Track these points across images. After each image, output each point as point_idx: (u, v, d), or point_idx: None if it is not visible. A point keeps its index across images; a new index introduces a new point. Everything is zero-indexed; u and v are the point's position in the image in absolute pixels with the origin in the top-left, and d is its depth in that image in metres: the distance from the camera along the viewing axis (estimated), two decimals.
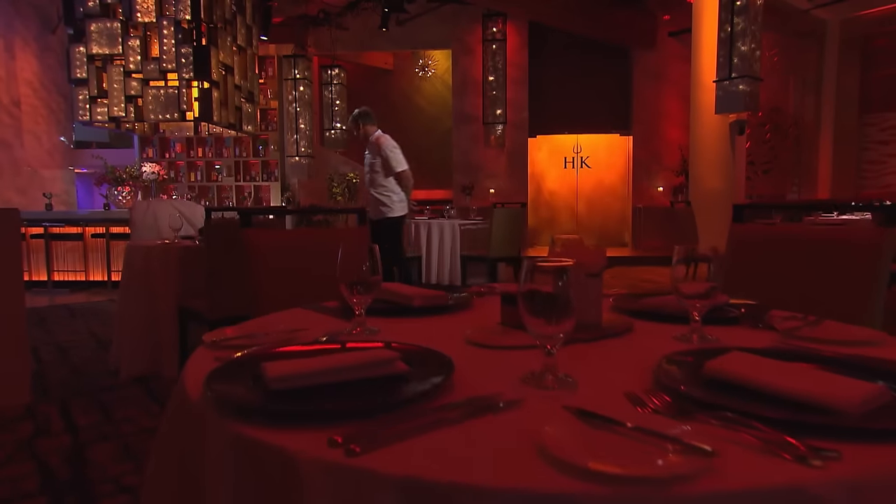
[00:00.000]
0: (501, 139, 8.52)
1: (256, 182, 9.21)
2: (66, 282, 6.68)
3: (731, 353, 0.80)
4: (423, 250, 6.00)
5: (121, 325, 3.21)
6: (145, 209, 3.91)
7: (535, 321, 0.79)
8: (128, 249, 3.20)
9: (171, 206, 4.02)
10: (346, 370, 0.76)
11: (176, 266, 3.07)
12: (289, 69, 8.74)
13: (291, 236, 1.82)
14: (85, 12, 6.56)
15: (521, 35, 8.74)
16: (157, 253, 3.08)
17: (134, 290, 3.14)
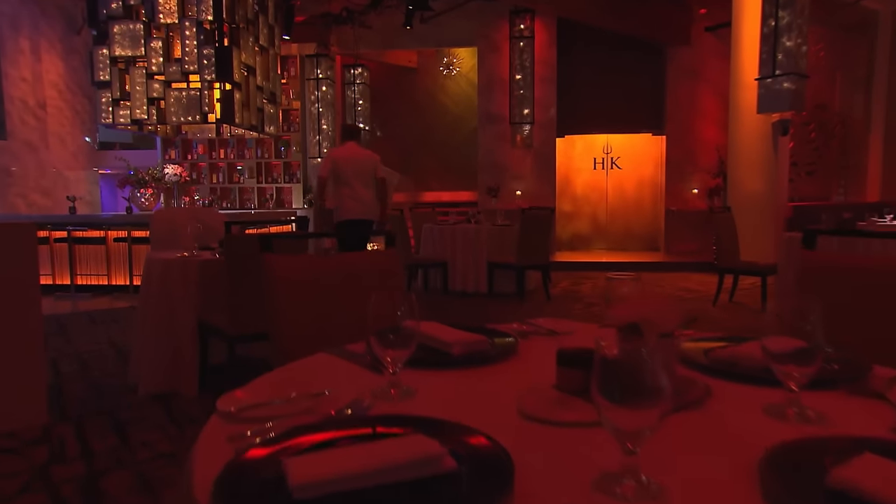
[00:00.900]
0: (529, 139, 8.34)
1: (278, 184, 9.19)
2: (89, 286, 6.72)
3: (863, 458, 0.64)
4: (448, 256, 5.88)
5: (140, 340, 3.15)
6: (165, 219, 3.86)
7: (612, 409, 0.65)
8: (147, 262, 3.14)
9: (190, 215, 3.96)
10: (384, 471, 0.63)
11: (195, 280, 3.00)
12: (311, 69, 8.70)
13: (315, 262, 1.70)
14: (108, 14, 6.58)
15: (550, 32, 8.54)
16: (176, 267, 3.01)
17: (153, 304, 3.08)
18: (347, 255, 1.76)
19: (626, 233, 9.35)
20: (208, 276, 3.03)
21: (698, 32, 8.31)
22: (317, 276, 1.67)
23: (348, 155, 4.82)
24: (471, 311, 5.16)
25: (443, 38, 9.31)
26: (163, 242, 3.82)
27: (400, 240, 5.80)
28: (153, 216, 3.88)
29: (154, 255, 3.16)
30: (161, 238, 3.85)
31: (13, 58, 8.65)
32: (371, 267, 1.78)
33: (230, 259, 2.78)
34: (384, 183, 4.89)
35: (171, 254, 3.16)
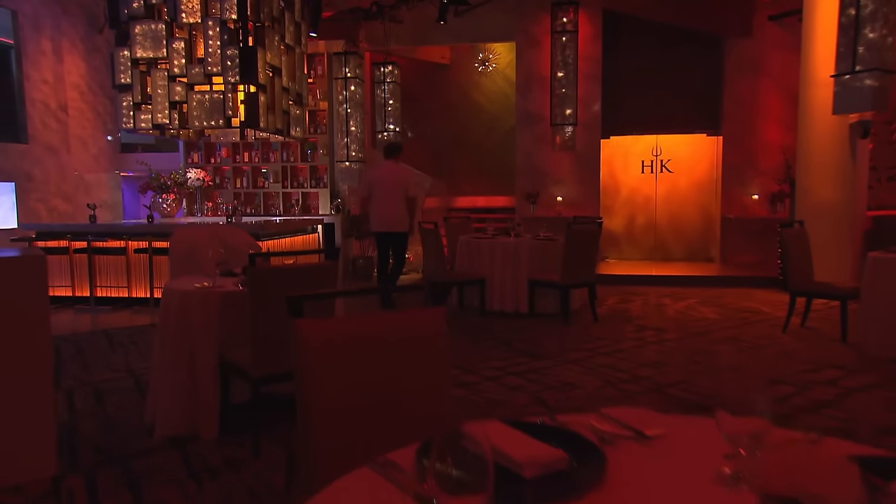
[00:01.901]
0: (571, 141, 8.07)
1: (304, 188, 9.12)
2: (109, 298, 6.74)
3: None
4: (485, 273, 5.67)
5: (156, 376, 3.04)
6: (184, 239, 3.75)
7: None
8: (165, 292, 3.02)
9: (211, 235, 3.85)
10: None
11: (216, 313, 2.87)
12: (339, 67, 8.59)
13: (351, 327, 1.52)
14: (129, 14, 6.58)
15: (595, 25, 8.25)
16: (195, 299, 2.88)
17: (171, 339, 2.95)
18: (386, 317, 1.57)
19: (678, 242, 8.98)
20: (230, 309, 2.89)
21: (761, 22, 7.90)
22: (354, 343, 1.49)
23: (383, 176, 5.87)
24: (511, 334, 4.95)
25: (478, 32, 9.09)
26: (182, 265, 3.71)
27: (434, 254, 5.61)
28: (172, 236, 3.78)
29: (172, 284, 3.03)
30: (180, 260, 3.75)
31: (35, 59, 8.78)
32: (413, 329, 1.59)
33: (254, 295, 2.63)
34: (413, 201, 5.87)
35: (189, 283, 3.04)
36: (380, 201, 5.80)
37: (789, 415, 3.05)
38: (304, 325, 1.46)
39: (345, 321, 1.56)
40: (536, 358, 4.22)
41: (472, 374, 3.89)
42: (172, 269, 3.74)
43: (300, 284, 2.75)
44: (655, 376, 3.77)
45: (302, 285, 2.75)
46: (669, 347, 4.45)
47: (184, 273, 3.66)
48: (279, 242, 6.97)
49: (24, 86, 8.61)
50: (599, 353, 4.34)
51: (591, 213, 8.32)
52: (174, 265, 3.73)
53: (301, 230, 7.58)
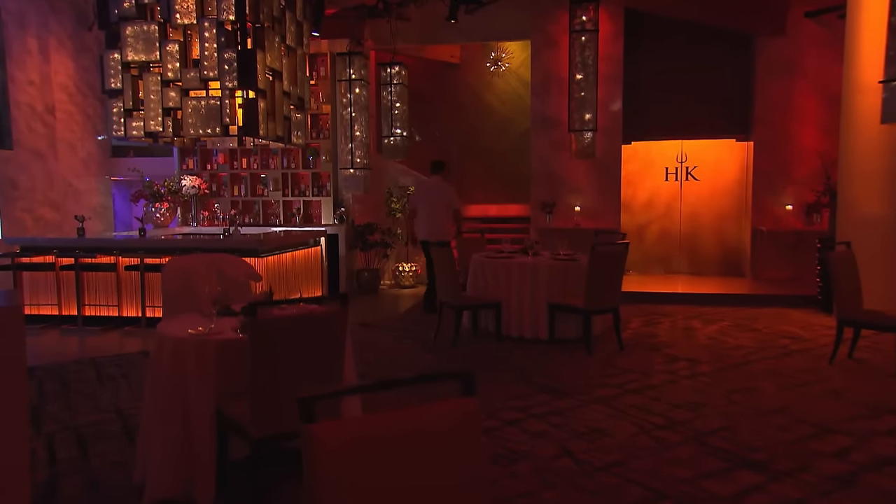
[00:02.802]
0: (590, 148, 7.87)
1: (306, 197, 8.97)
2: (98, 318, 6.60)
3: None
4: (501, 295, 5.49)
5: (146, 431, 2.88)
6: (178, 271, 3.58)
7: None
8: (157, 338, 2.85)
9: (208, 265, 3.69)
10: None
11: (213, 364, 2.71)
12: (343, 69, 8.43)
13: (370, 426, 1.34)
14: (120, 14, 6.43)
15: (616, 23, 8.05)
16: (190, 347, 2.71)
17: (162, 389, 2.79)
18: (410, 412, 1.40)
19: (704, 255, 8.77)
20: (229, 358, 2.72)
21: (796, 19, 7.68)
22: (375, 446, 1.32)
23: (430, 190, 6.79)
24: (530, 365, 4.77)
25: (491, 30, 8.90)
26: (177, 299, 3.55)
27: (446, 275, 5.43)
28: (165, 267, 3.61)
29: (165, 329, 2.87)
30: (175, 293, 3.59)
31: (20, 59, 8.65)
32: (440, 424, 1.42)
33: (255, 348, 2.47)
34: (457, 213, 6.75)
35: (184, 326, 2.87)
36: (426, 212, 6.68)
37: (850, 478, 2.85)
38: (318, 430, 1.29)
39: (365, 421, 1.38)
40: (560, 395, 4.04)
41: (492, 416, 3.71)
42: (166, 304, 3.58)
43: (305, 336, 2.58)
44: (693, 421, 3.58)
45: (307, 337, 2.59)
46: (704, 383, 4.26)
47: (178, 308, 3.49)
48: (280, 258, 6.81)
49: (9, 88, 8.48)
50: (628, 389, 4.15)
51: (612, 225, 8.14)
52: (168, 299, 3.57)
53: (303, 243, 7.43)
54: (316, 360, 2.64)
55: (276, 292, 6.72)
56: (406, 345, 5.51)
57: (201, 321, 2.96)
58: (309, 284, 7.54)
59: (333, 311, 2.65)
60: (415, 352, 5.26)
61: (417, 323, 6.42)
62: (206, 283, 3.65)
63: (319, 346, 2.63)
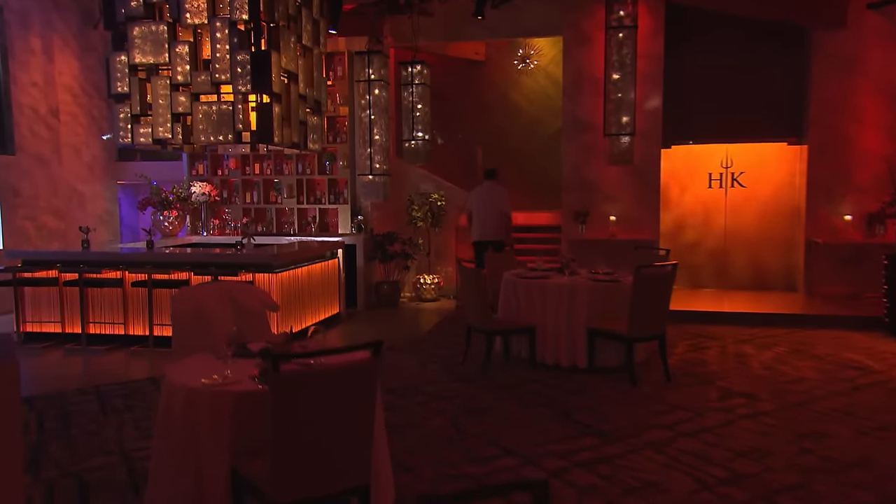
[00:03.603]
0: (628, 154, 7.61)
1: (322, 204, 8.81)
2: (103, 336, 6.49)
3: None
4: (536, 319, 5.27)
5: (154, 489, 2.71)
6: (189, 303, 3.41)
7: None
8: (166, 387, 2.68)
9: (221, 294, 3.52)
10: None
11: (229, 418, 2.53)
12: (361, 68, 8.24)
13: None
14: (127, 14, 6.30)
15: (656, 18, 7.78)
16: (204, 399, 2.54)
17: (172, 445, 2.62)
18: None
19: (752, 269, 8.46)
20: (246, 412, 2.54)
21: (858, 11, 7.35)
22: None
23: (483, 194, 7.45)
24: (569, 399, 4.54)
25: (519, 26, 8.68)
26: (188, 333, 3.39)
27: (475, 299, 5.21)
28: (175, 298, 3.45)
29: (175, 375, 2.70)
30: (185, 326, 3.42)
31: (23, 60, 8.59)
32: None
33: (278, 406, 2.28)
34: (508, 216, 7.41)
35: (196, 372, 2.70)
36: (479, 215, 7.39)
37: None
38: None
39: None
40: (606, 439, 3.81)
41: (531, 462, 3.49)
42: (176, 338, 3.41)
43: (333, 390, 2.39)
44: (761, 474, 3.33)
45: (335, 391, 2.40)
46: (768, 425, 4.00)
47: (190, 343, 3.33)
48: (295, 273, 6.65)
49: (11, 90, 8.43)
50: (681, 431, 3.91)
51: (650, 236, 7.88)
52: (178, 333, 3.40)
53: (319, 256, 7.26)
54: (344, 416, 2.45)
55: (291, 309, 6.58)
56: (431, 371, 5.32)
57: (215, 365, 2.78)
58: (325, 299, 7.37)
59: (365, 362, 2.45)
60: (441, 379, 5.06)
61: (443, 344, 6.22)
62: (219, 315, 3.49)
63: (349, 400, 2.45)
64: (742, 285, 8.44)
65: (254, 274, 6.24)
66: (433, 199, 8.82)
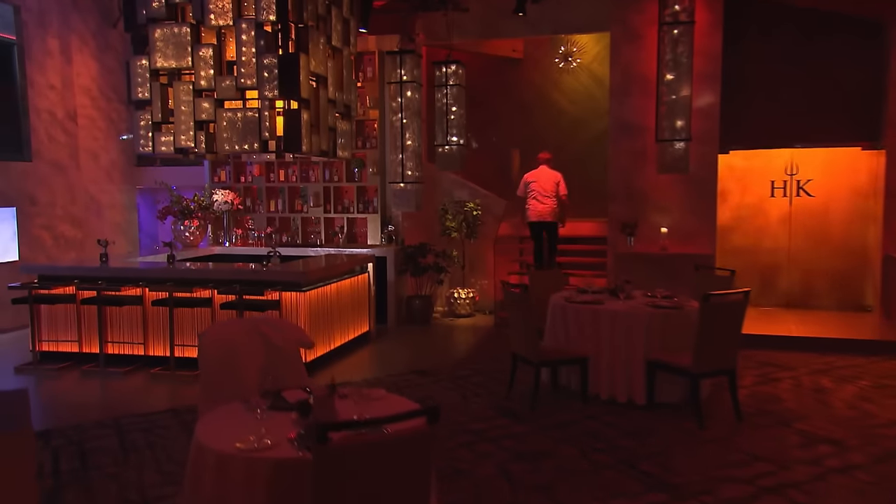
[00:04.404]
0: (682, 161, 7.25)
1: (350, 213, 8.63)
2: (122, 357, 6.38)
3: None
4: (589, 348, 4.99)
5: None
6: (217, 344, 3.22)
7: None
8: (194, 449, 2.48)
9: (250, 332, 3.32)
10: None
11: (265, 490, 2.31)
12: (392, 69, 8.02)
13: None
14: (148, 15, 6.16)
15: (714, 12, 7.43)
16: (237, 466, 2.33)
17: None
18: None
19: (819, 285, 8.06)
20: (284, 482, 2.32)
21: None
22: None
23: (538, 177, 8.11)
24: (630, 445, 4.26)
25: (562, 21, 8.40)
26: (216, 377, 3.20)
27: (523, 327, 4.96)
28: (202, 338, 3.25)
29: (205, 436, 2.49)
30: (213, 368, 3.23)
31: (40, 61, 8.56)
32: None
33: (321, 478, 2.06)
34: (565, 198, 8.10)
35: (228, 434, 2.48)
36: (533, 198, 8.06)
37: None
38: None
39: None
40: (677, 494, 3.52)
41: None
42: (204, 384, 3.22)
43: (384, 463, 2.17)
44: None
45: (387, 464, 2.17)
46: (864, 483, 3.66)
47: (219, 388, 3.14)
48: (324, 290, 6.47)
49: (28, 93, 8.39)
50: (764, 487, 3.60)
51: (705, 250, 7.53)
52: (206, 378, 3.21)
53: (349, 272, 7.07)
54: (397, 491, 2.23)
55: (320, 330, 6.39)
56: (475, 404, 5.07)
57: (249, 420, 2.57)
58: (355, 317, 7.19)
59: (422, 431, 2.22)
60: (486, 414, 4.81)
61: (484, 371, 5.97)
62: (250, 356, 3.29)
63: (402, 473, 2.22)
64: (808, 303, 8.04)
65: (281, 293, 6.07)
66: (469, 209, 8.58)
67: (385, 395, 2.96)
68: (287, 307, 6.09)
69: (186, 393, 5.59)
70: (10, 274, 7.83)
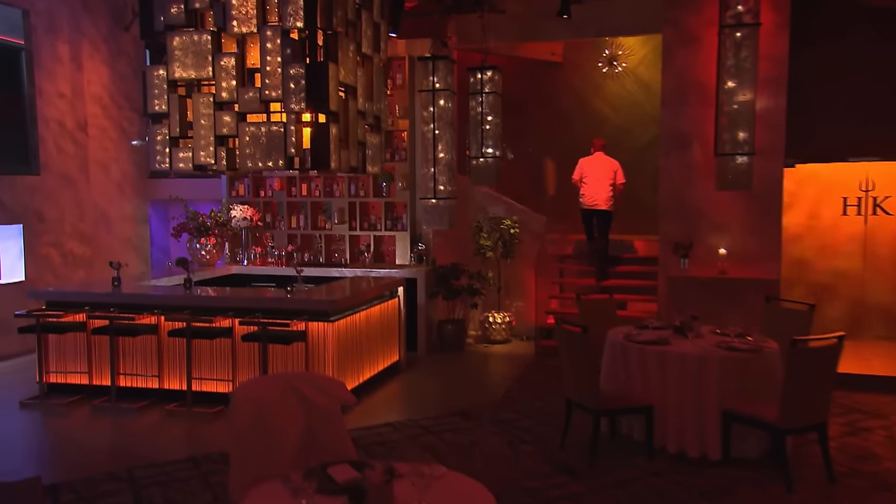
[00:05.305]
0: (745, 177, 6.87)
1: (377, 230, 8.37)
2: (135, 390, 6.16)
3: None
4: (654, 395, 4.66)
5: None
6: (250, 404, 2.94)
7: None
8: None
9: (286, 390, 3.04)
10: None
11: None
12: (424, 75, 7.74)
13: None
14: (166, 22, 5.95)
15: (780, 12, 7.07)
16: None
17: None
18: None
19: None
20: None
21: None
22: None
23: (593, 163, 8.32)
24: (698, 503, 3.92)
25: (607, 23, 8.09)
26: (250, 446, 2.92)
27: (582, 370, 4.63)
28: (233, 399, 2.98)
29: None
30: (245, 438, 2.96)
31: (49, 68, 8.41)
32: None
33: None
34: (621, 187, 8.30)
35: None
36: (589, 184, 8.24)
37: None
38: None
39: None
40: None
41: None
42: (236, 456, 2.94)
43: None
44: None
45: None
46: None
47: (253, 463, 2.86)
48: (353, 319, 6.20)
49: (37, 102, 8.24)
50: None
51: (770, 274, 7.15)
52: (238, 447, 2.93)
53: (378, 297, 6.80)
54: None
55: (348, 362, 6.11)
56: (526, 455, 4.75)
57: None
58: (384, 346, 6.92)
59: None
60: (541, 469, 4.49)
61: (531, 413, 5.65)
62: (287, 419, 3.01)
63: None
64: (889, 333, 7.62)
65: (307, 322, 5.82)
66: (505, 226, 8.27)
67: (446, 473, 2.66)
68: (314, 338, 5.84)
69: (205, 433, 5.36)
70: (16, 296, 7.67)
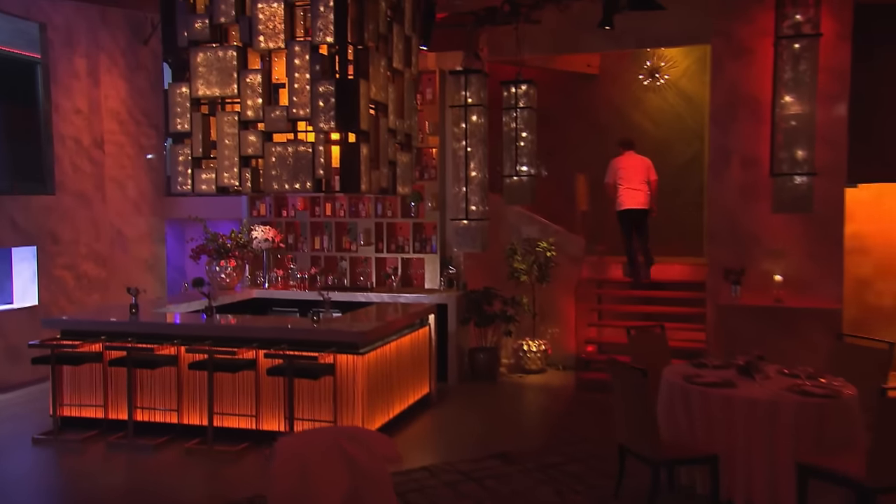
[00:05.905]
0: (804, 199, 6.57)
1: (405, 253, 8.16)
2: (153, 425, 5.98)
3: None
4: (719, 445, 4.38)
5: None
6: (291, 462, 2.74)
7: None
8: None
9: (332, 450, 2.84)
10: None
11: None
12: (455, 90, 7.55)
13: None
14: (189, 38, 5.81)
15: (842, 22, 6.80)
16: None
17: None
18: None
19: None
20: None
21: None
22: None
23: (626, 163, 8.17)
24: None
25: (649, 33, 7.87)
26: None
27: (635, 412, 4.37)
28: (273, 457, 2.77)
29: None
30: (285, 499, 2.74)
31: (66, 84, 8.33)
32: None
33: None
34: (655, 183, 8.16)
35: None
36: (622, 185, 8.14)
37: None
38: None
39: None
40: None
41: None
42: None
43: None
44: None
45: None
46: None
47: None
48: (384, 350, 6.00)
49: (53, 119, 8.16)
50: None
51: (831, 303, 6.85)
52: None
53: (409, 326, 6.59)
54: None
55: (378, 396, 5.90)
56: None
57: None
58: (414, 378, 6.70)
59: None
60: None
61: (578, 457, 5.37)
62: (331, 482, 2.80)
63: None
64: None
65: (335, 355, 5.63)
66: (541, 249, 8.03)
67: None
68: (342, 372, 5.64)
69: (227, 475, 5.18)
70: (29, 321, 7.55)
